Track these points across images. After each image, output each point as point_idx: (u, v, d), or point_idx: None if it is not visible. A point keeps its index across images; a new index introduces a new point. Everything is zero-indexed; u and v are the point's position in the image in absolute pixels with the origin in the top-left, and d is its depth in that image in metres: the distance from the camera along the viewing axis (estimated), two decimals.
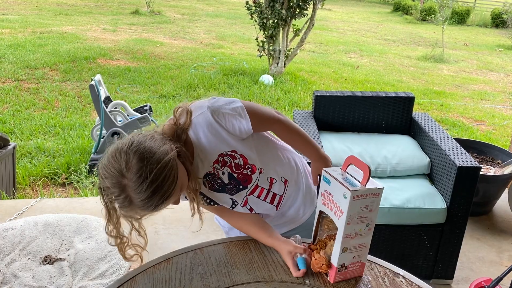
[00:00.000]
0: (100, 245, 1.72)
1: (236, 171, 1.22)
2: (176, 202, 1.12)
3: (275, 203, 1.30)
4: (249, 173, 1.24)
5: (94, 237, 1.78)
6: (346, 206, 1.01)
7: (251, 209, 1.27)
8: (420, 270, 2.19)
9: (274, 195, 1.29)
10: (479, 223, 2.82)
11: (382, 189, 1.04)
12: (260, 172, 1.25)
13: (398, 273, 1.16)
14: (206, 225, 2.80)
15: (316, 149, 1.37)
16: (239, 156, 1.21)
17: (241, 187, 1.23)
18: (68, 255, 1.67)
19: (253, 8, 6.68)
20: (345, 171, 1.08)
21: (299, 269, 1.13)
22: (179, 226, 2.65)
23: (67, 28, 10.19)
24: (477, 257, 2.49)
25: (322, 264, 1.10)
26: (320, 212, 1.13)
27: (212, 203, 1.26)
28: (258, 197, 1.27)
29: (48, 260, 1.65)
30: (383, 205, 2.05)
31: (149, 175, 0.98)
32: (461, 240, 2.13)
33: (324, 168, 1.10)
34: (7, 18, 10.83)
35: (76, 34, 9.48)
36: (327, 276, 1.11)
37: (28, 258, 1.66)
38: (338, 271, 1.08)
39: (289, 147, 1.39)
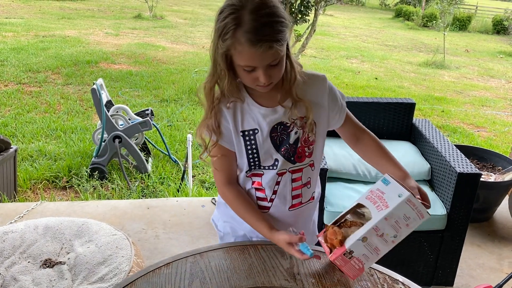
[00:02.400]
0: (100, 249, 1.72)
1: (303, 142, 1.21)
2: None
3: (294, 202, 1.28)
4: (307, 154, 1.23)
5: (94, 240, 1.77)
6: (395, 204, 1.02)
7: (278, 183, 1.24)
8: (420, 276, 2.19)
9: (299, 195, 1.28)
10: (479, 229, 2.81)
11: (429, 216, 1.05)
12: (310, 166, 1.26)
13: (398, 280, 1.16)
14: (205, 229, 2.81)
15: (403, 170, 1.26)
16: (314, 134, 1.22)
17: (292, 159, 1.21)
18: (68, 258, 1.67)
19: None
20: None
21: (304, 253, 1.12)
22: (180, 230, 2.65)
23: (70, 32, 10.25)
24: (477, 264, 2.49)
25: (336, 238, 1.07)
26: (356, 206, 1.12)
27: (252, 148, 1.20)
28: (292, 181, 1.24)
29: (48, 263, 1.65)
30: None
31: (271, 8, 1.01)
32: (461, 247, 2.13)
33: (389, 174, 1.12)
34: (10, 22, 10.89)
35: (78, 38, 9.53)
36: (330, 253, 1.08)
37: (28, 262, 1.65)
38: (344, 254, 1.06)
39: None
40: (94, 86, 3.48)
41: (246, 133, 1.18)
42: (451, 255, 2.14)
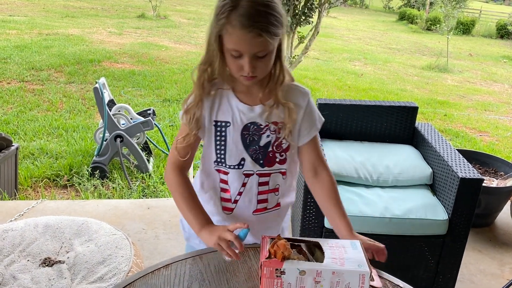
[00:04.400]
0: (100, 249, 1.71)
1: (275, 148, 1.20)
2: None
3: (259, 206, 1.26)
4: (277, 160, 1.22)
5: (94, 240, 1.77)
6: (349, 269, 1.00)
7: (244, 184, 1.22)
8: (421, 281, 2.18)
9: (265, 200, 1.26)
10: (480, 235, 2.80)
11: None
12: (282, 173, 1.24)
13: (398, 285, 1.15)
14: None
15: (350, 225, 1.21)
16: (288, 143, 1.21)
17: (261, 162, 1.20)
18: (68, 257, 1.67)
19: None
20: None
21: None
22: (180, 231, 2.64)
23: (73, 30, 10.26)
24: (478, 269, 2.48)
25: (282, 252, 1.02)
26: (314, 242, 1.09)
27: (221, 140, 1.19)
28: (259, 185, 1.23)
29: (48, 262, 1.64)
30: (384, 215, 2.05)
31: (269, 0, 1.03)
32: (462, 252, 2.12)
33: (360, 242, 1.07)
34: (14, 19, 10.91)
35: (82, 36, 9.54)
36: (267, 258, 1.03)
37: (28, 260, 1.65)
38: (276, 269, 1.01)
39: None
40: (97, 85, 3.48)
41: (219, 123, 1.19)
42: (452, 260, 2.13)
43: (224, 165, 1.21)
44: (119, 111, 3.67)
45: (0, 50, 7.49)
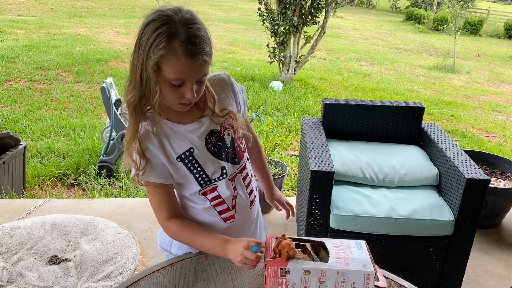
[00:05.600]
0: (106, 247, 1.72)
1: (237, 140, 1.22)
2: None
3: (251, 198, 1.28)
4: (242, 149, 1.25)
5: (100, 238, 1.78)
6: (355, 269, 1.00)
7: (235, 188, 1.22)
8: (426, 282, 2.17)
9: (252, 190, 1.29)
10: (487, 236, 2.78)
11: None
12: (248, 160, 1.28)
13: (404, 286, 1.15)
14: None
15: (271, 184, 1.50)
16: (240, 130, 1.23)
17: (235, 160, 1.21)
18: (74, 256, 1.68)
19: (265, 14, 6.71)
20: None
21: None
22: None
23: (81, 30, 10.32)
24: (484, 270, 2.46)
25: (287, 252, 1.03)
26: (319, 242, 1.09)
27: (195, 167, 1.15)
28: (244, 179, 1.25)
29: (54, 260, 1.66)
30: (390, 215, 2.04)
31: (200, 23, 1.01)
32: (468, 253, 2.11)
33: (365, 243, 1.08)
34: (23, 19, 11.00)
35: (89, 36, 9.60)
36: (273, 258, 1.04)
37: (35, 258, 1.67)
38: (281, 269, 1.01)
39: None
40: (104, 85, 3.50)
41: (183, 156, 1.14)
42: (458, 261, 2.12)
43: (209, 183, 1.19)
44: (126, 110, 3.68)
45: (8, 49, 7.55)
